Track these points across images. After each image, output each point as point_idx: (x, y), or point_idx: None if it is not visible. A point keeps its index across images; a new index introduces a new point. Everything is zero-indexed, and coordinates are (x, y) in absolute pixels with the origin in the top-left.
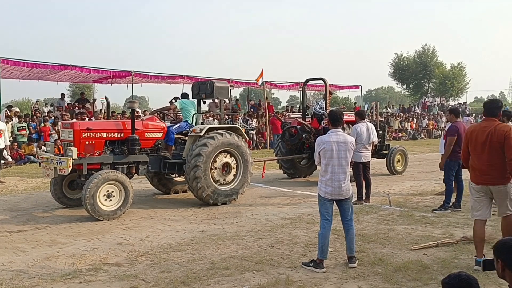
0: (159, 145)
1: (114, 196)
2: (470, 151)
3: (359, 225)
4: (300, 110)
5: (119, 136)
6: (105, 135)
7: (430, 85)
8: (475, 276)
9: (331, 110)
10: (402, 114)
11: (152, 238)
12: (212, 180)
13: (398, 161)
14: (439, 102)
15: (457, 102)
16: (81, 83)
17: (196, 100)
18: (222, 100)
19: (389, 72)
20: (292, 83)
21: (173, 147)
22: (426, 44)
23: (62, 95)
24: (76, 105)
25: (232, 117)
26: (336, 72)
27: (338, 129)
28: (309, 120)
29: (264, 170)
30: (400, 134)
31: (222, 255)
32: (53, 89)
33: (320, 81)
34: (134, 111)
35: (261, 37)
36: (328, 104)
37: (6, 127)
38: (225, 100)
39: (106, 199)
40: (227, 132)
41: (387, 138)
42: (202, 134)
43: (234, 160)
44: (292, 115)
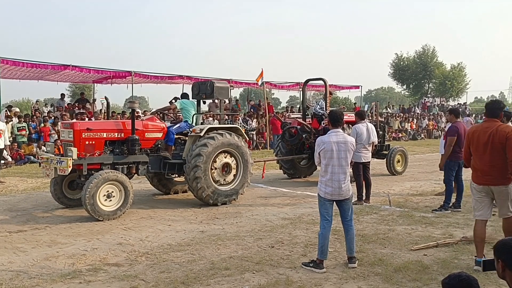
0: (159, 145)
1: (114, 196)
2: (472, 151)
3: (359, 225)
4: (300, 111)
5: (119, 136)
6: (105, 135)
7: (430, 85)
8: (475, 276)
9: (331, 110)
10: (402, 114)
11: (152, 238)
12: (212, 180)
13: (398, 162)
14: (439, 103)
15: (457, 103)
16: (81, 83)
17: (196, 100)
18: (222, 101)
19: (389, 72)
20: (292, 84)
21: (173, 147)
22: (426, 44)
23: (62, 95)
24: (76, 105)
25: (232, 118)
26: (336, 72)
27: (338, 129)
28: (309, 121)
29: (264, 170)
30: (400, 135)
31: (222, 256)
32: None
33: (320, 81)
34: (134, 111)
35: (261, 37)
36: (328, 105)
37: (6, 127)
38: (225, 101)
39: (106, 199)
40: (227, 132)
41: (387, 139)
42: (202, 134)
43: (234, 160)
44: (292, 115)
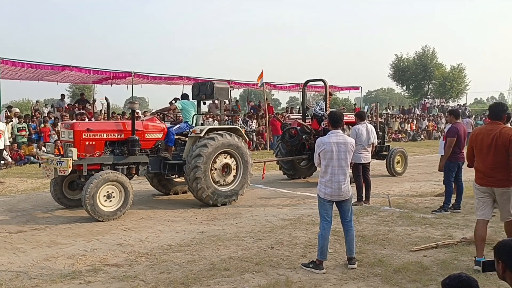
0: (159, 146)
1: (114, 196)
2: (475, 153)
3: (359, 226)
4: (300, 111)
5: (119, 136)
6: (105, 136)
7: (430, 86)
8: (475, 277)
9: (331, 111)
10: (402, 115)
11: (151, 239)
12: (212, 181)
13: (398, 162)
14: (439, 104)
15: (457, 104)
16: (81, 84)
17: (196, 101)
18: (222, 101)
19: (389, 73)
20: (292, 84)
21: (173, 148)
22: (426, 45)
23: (62, 95)
24: (76, 105)
25: (232, 118)
26: (336, 73)
27: (338, 130)
28: (309, 121)
29: (264, 171)
30: (400, 136)
31: (221, 256)
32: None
33: (320, 82)
34: (134, 112)
35: (261, 37)
36: (328, 105)
37: (6, 127)
38: (225, 101)
39: (106, 200)
40: (227, 133)
41: (387, 140)
42: (202, 135)
43: (234, 161)
44: (292, 116)
